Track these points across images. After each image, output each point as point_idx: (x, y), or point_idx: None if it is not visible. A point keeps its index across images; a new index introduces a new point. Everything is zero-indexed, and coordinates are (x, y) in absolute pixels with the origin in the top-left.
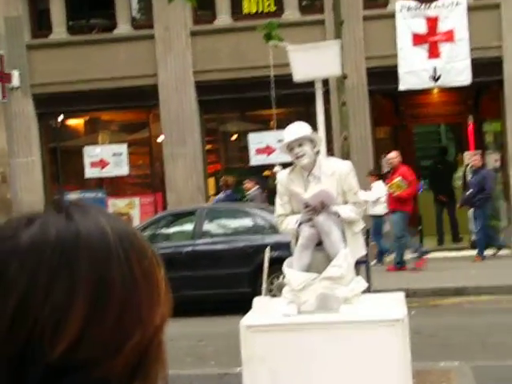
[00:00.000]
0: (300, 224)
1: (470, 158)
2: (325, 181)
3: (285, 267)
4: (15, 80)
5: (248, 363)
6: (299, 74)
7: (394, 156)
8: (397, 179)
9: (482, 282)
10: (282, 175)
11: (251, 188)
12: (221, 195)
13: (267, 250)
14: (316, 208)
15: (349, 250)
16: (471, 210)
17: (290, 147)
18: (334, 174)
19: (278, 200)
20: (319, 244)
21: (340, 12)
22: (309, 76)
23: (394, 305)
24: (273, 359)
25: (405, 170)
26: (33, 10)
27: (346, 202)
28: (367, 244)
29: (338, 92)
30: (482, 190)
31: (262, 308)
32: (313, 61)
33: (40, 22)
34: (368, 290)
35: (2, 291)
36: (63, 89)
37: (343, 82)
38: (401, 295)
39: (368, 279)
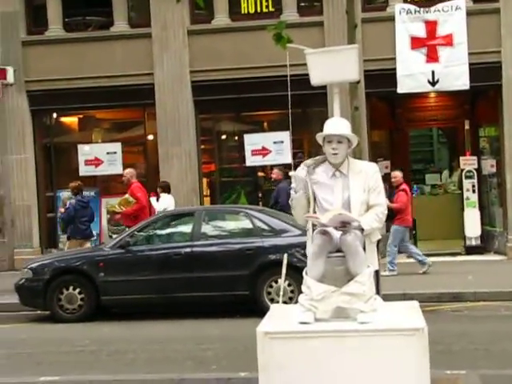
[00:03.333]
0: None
1: (464, 162)
2: (352, 178)
3: (304, 275)
4: (10, 76)
5: (265, 370)
6: (316, 77)
7: (127, 173)
8: (125, 196)
9: (479, 288)
10: (307, 163)
11: None
12: (72, 201)
13: (285, 256)
14: (337, 228)
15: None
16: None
17: (328, 139)
18: (361, 172)
19: (293, 186)
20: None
21: (354, 15)
22: (326, 80)
23: (410, 313)
24: (290, 366)
25: (135, 186)
26: (29, 6)
27: (367, 202)
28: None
29: (351, 96)
30: (277, 202)
31: (279, 315)
32: (330, 65)
33: (36, 19)
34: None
35: None
36: (58, 86)
37: (356, 87)
38: (415, 303)
39: (377, 287)
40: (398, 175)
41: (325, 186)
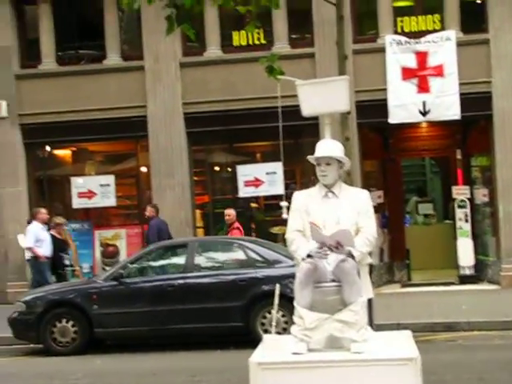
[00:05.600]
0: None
1: (457, 192)
2: (343, 199)
3: (296, 305)
4: (3, 110)
5: None
6: (307, 108)
7: None
8: None
9: (472, 317)
10: (298, 193)
11: None
12: None
13: (277, 286)
14: (331, 246)
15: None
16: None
17: (317, 161)
18: (353, 195)
19: (290, 216)
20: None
21: (344, 47)
22: (317, 111)
23: (404, 343)
24: None
25: None
26: (22, 40)
27: (357, 224)
28: None
29: (342, 127)
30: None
31: (271, 345)
32: (321, 96)
33: (29, 52)
34: (371, 326)
35: None
36: (51, 119)
37: (347, 118)
38: (408, 333)
39: (370, 316)
40: (231, 213)
41: (317, 206)
